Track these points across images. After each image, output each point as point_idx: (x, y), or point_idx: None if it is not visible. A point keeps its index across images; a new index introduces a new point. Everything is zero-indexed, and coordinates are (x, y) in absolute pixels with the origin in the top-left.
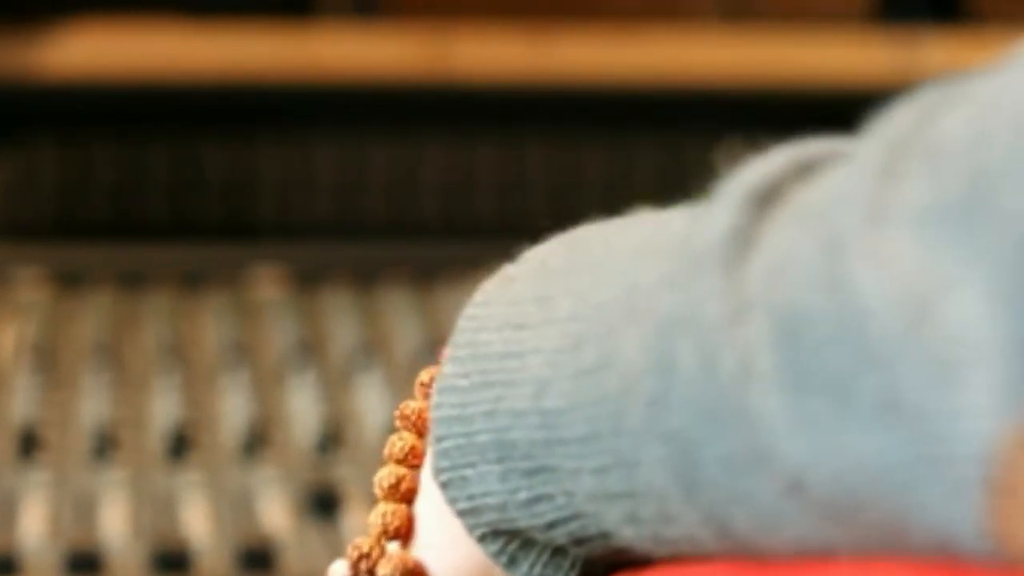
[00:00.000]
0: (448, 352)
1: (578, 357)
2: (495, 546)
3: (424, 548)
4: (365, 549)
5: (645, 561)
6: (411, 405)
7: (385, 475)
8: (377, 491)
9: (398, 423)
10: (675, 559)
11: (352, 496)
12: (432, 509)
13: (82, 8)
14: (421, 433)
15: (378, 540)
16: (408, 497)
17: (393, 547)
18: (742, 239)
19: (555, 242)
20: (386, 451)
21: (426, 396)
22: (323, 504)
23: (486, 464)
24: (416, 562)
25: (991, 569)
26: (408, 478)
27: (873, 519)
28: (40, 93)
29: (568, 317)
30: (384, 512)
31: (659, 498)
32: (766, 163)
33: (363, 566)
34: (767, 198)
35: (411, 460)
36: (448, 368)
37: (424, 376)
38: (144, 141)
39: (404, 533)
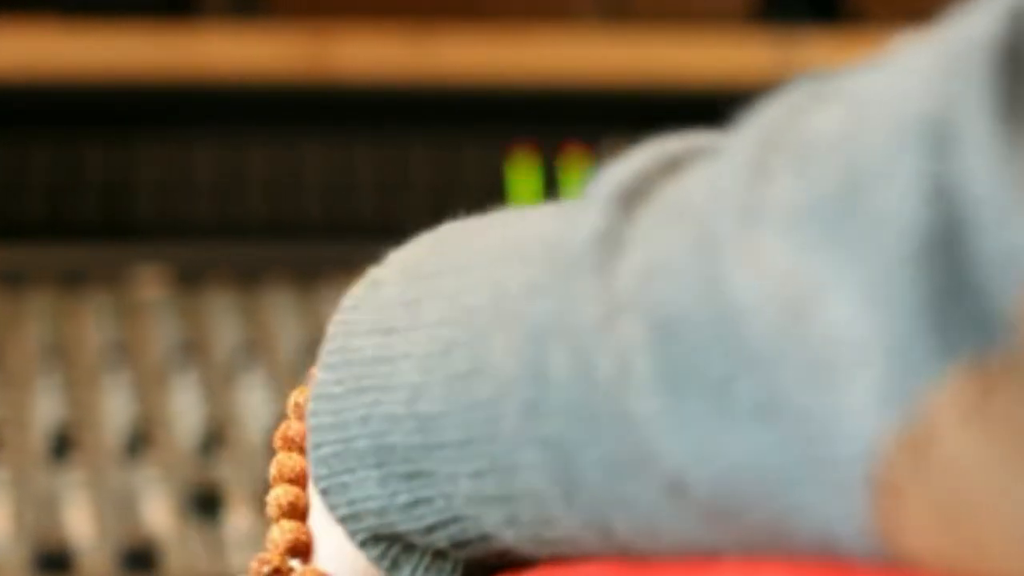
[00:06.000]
0: (321, 359)
1: (449, 362)
2: (376, 551)
3: (319, 559)
4: (275, 563)
5: (527, 563)
6: (293, 427)
7: (281, 494)
8: (274, 510)
9: (279, 444)
10: (558, 560)
11: (234, 496)
12: (320, 518)
13: None
14: (304, 453)
15: (283, 557)
16: (305, 515)
17: (295, 563)
18: (611, 240)
19: (418, 243)
20: (275, 471)
21: (301, 417)
22: (205, 504)
23: (365, 469)
24: (324, 574)
25: (875, 569)
26: (303, 497)
27: (756, 520)
28: None
29: (437, 322)
30: (284, 530)
31: (538, 502)
32: (631, 161)
33: None
34: (634, 197)
35: (303, 481)
36: (322, 375)
37: (300, 397)
38: (23, 141)
39: (303, 550)
